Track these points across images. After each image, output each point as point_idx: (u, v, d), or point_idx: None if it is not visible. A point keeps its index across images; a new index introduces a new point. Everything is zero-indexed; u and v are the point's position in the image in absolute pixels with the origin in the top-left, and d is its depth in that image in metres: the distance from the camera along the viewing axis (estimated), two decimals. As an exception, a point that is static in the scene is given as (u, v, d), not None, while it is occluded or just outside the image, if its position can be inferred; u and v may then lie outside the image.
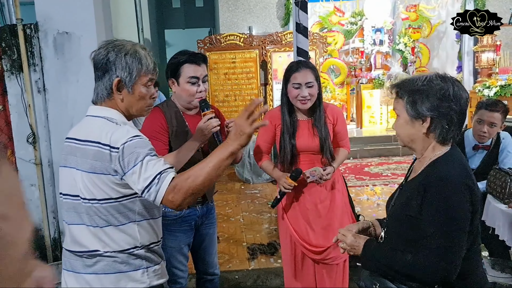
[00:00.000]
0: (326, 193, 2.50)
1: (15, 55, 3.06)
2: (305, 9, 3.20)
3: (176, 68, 2.17)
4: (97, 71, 1.51)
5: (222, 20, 8.54)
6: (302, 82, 2.32)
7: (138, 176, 1.40)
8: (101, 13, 3.20)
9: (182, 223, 2.30)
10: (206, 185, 1.43)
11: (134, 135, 1.44)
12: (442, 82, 1.40)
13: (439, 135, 1.42)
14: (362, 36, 8.99)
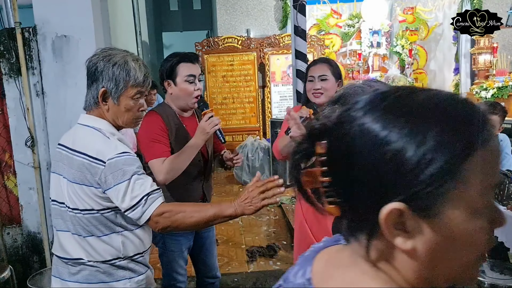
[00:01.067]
0: None
1: (14, 58, 3.05)
2: (303, 12, 3.21)
3: (171, 69, 2.16)
4: (87, 79, 1.51)
5: (220, 22, 8.55)
6: (315, 75, 2.31)
7: (123, 194, 1.40)
8: (99, 16, 3.20)
9: None
10: (193, 227, 1.46)
11: (122, 151, 1.44)
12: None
13: None
14: (359, 38, 9.00)
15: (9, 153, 3.21)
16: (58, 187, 1.49)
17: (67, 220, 1.48)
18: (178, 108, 2.23)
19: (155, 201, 1.43)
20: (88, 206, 1.44)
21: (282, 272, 3.48)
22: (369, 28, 8.91)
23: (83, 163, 1.42)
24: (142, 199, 1.42)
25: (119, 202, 1.41)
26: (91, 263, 1.48)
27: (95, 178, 1.41)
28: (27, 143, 3.10)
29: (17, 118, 3.10)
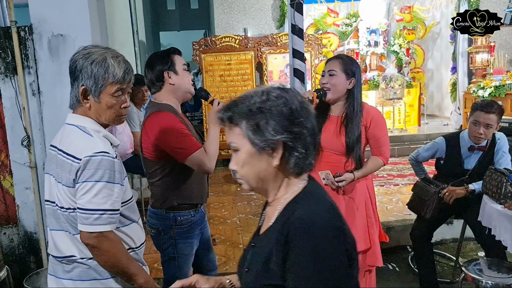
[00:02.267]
0: (342, 201, 2.30)
1: (9, 57, 3.04)
2: (301, 11, 3.20)
3: (169, 60, 2.15)
4: (70, 77, 1.50)
5: (217, 22, 8.54)
6: (326, 69, 2.29)
7: (84, 192, 1.39)
8: (96, 15, 3.19)
9: (195, 227, 2.25)
10: (113, 269, 1.48)
11: (100, 150, 1.41)
12: (284, 94, 1.07)
13: (295, 165, 1.08)
14: (357, 37, 9.01)
15: (5, 153, 3.20)
16: (50, 187, 1.51)
17: (58, 219, 1.48)
18: (177, 101, 2.21)
19: (107, 226, 1.42)
20: (72, 205, 1.44)
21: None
22: (366, 27, 8.92)
23: (64, 162, 1.42)
24: (99, 211, 1.40)
25: (77, 197, 1.41)
26: (84, 260, 1.48)
27: (71, 176, 1.41)
28: (23, 142, 3.08)
29: (13, 117, 3.08)
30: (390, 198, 4.83)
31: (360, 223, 2.34)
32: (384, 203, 4.67)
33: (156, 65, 2.16)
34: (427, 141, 6.86)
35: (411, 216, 3.71)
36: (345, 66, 2.26)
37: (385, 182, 5.66)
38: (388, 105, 8.06)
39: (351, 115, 2.26)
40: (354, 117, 2.25)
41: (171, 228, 2.16)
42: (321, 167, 2.29)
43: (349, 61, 2.30)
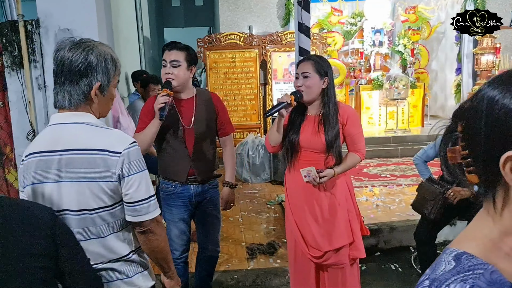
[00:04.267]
0: (323, 197, 2.40)
1: (16, 51, 3.04)
2: (308, 9, 3.20)
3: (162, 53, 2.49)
4: (71, 74, 1.40)
5: (222, 19, 8.53)
6: (299, 72, 2.33)
7: (139, 183, 1.41)
8: (102, 10, 3.18)
9: (176, 198, 2.56)
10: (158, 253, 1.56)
11: (133, 140, 1.43)
12: None
13: None
14: (361, 37, 8.99)
15: (10, 147, 3.20)
16: (54, 196, 1.40)
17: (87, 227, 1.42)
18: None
19: (157, 208, 1.50)
20: (102, 203, 1.40)
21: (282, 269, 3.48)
22: (371, 27, 8.90)
23: (93, 159, 1.36)
24: (151, 197, 1.45)
25: (133, 190, 1.40)
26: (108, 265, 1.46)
27: (110, 171, 1.37)
28: (28, 136, 3.08)
29: (19, 111, 3.08)
30: (393, 199, 4.82)
31: (342, 218, 2.41)
32: (387, 203, 4.66)
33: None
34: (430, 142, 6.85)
35: (414, 217, 3.70)
36: (318, 66, 2.31)
37: (388, 182, 5.65)
38: (391, 105, 8.05)
39: (328, 113, 2.33)
40: (331, 114, 2.33)
41: (158, 191, 2.57)
42: (302, 165, 2.38)
43: (321, 61, 2.36)
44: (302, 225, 2.45)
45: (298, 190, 2.44)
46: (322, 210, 2.40)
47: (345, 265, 2.43)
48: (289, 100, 2.24)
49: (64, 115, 1.43)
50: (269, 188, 5.95)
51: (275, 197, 5.35)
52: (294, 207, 2.48)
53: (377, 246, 3.88)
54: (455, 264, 0.68)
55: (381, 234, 3.91)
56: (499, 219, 0.69)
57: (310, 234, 2.42)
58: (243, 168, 6.29)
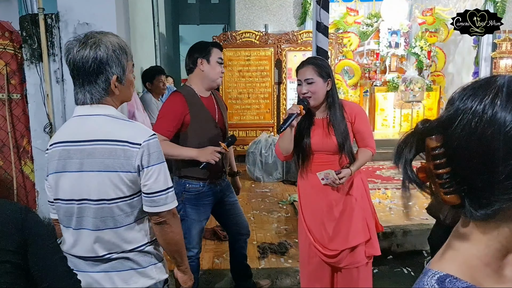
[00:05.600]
0: (341, 197, 2.40)
1: (35, 44, 3.06)
2: (327, 8, 3.17)
3: (207, 50, 2.50)
4: (87, 75, 1.41)
5: (238, 17, 8.52)
6: (302, 78, 2.30)
7: (158, 174, 1.43)
8: (121, 5, 3.20)
9: (204, 197, 2.57)
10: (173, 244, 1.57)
11: (153, 132, 1.46)
12: None
13: None
14: (377, 38, 8.90)
15: (27, 139, 3.23)
16: (75, 185, 1.43)
17: (104, 217, 1.43)
18: (202, 87, 2.54)
19: (175, 200, 1.51)
20: (121, 193, 1.42)
21: (293, 269, 3.46)
22: (388, 28, 8.81)
23: (114, 150, 1.39)
24: (169, 189, 1.47)
25: (152, 181, 1.42)
26: (123, 254, 1.47)
27: (130, 162, 1.39)
28: (45, 129, 3.11)
29: (37, 104, 3.11)
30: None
31: (359, 215, 2.41)
32: (400, 206, 4.61)
33: (194, 51, 2.52)
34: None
35: (428, 221, 3.66)
36: (319, 70, 2.29)
37: (402, 185, 5.59)
38: (406, 107, 7.97)
39: (335, 113, 2.33)
40: (338, 115, 2.32)
41: (182, 193, 2.51)
42: (316, 168, 2.38)
43: (321, 64, 2.33)
44: (317, 228, 2.44)
45: (314, 193, 2.42)
46: (339, 209, 2.40)
47: (360, 264, 2.41)
48: (298, 110, 2.22)
49: (87, 107, 1.46)
50: (281, 187, 5.94)
51: (287, 196, 5.33)
52: (309, 210, 2.47)
53: (390, 249, 3.84)
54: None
55: (394, 237, 3.86)
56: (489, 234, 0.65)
57: (326, 235, 2.41)
58: (255, 166, 6.28)
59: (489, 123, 0.60)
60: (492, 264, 0.66)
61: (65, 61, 1.45)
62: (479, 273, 0.65)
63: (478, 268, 0.66)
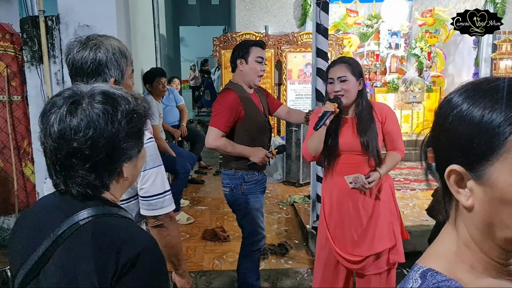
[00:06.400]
0: (369, 201, 2.34)
1: (36, 46, 3.07)
2: (326, 10, 3.18)
3: (246, 50, 2.59)
4: (85, 76, 1.42)
5: (238, 18, 8.53)
6: (334, 76, 2.27)
7: (155, 178, 1.43)
8: (121, 7, 3.21)
9: (260, 185, 2.72)
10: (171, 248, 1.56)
11: (150, 136, 1.45)
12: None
13: None
14: (377, 39, 8.91)
15: (28, 141, 3.24)
16: None
17: None
18: (245, 85, 2.65)
19: (172, 203, 1.51)
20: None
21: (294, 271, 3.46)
22: (388, 29, 8.81)
23: None
24: (166, 192, 1.47)
25: (148, 184, 1.42)
26: None
27: None
28: (46, 131, 3.12)
29: (37, 105, 3.12)
30: (407, 203, 4.77)
31: (385, 220, 2.35)
32: (400, 207, 4.57)
33: (235, 50, 2.64)
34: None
35: (428, 222, 3.66)
36: (353, 68, 2.28)
37: (402, 186, 5.60)
38: (407, 108, 7.98)
39: (365, 113, 2.30)
40: (366, 114, 2.30)
41: (241, 185, 2.63)
42: (343, 169, 2.32)
43: (354, 63, 2.33)
44: (342, 232, 2.38)
45: (342, 195, 2.37)
46: (366, 214, 2.34)
47: (381, 270, 2.36)
48: (333, 108, 2.20)
49: None
50: (282, 188, 5.94)
51: (288, 197, 5.33)
52: (335, 214, 2.41)
53: (389, 250, 3.84)
54: (421, 282, 0.68)
55: (394, 238, 3.87)
56: (457, 232, 0.69)
57: (351, 240, 2.36)
58: (255, 167, 6.27)
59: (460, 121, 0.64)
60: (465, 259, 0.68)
61: (65, 61, 1.46)
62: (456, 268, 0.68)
63: (455, 263, 0.69)
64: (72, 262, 0.89)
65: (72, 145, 0.90)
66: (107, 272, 0.85)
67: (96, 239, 0.89)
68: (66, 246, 0.91)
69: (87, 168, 0.91)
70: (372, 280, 2.38)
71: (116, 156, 0.94)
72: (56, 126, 0.90)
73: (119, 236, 0.91)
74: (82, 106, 0.91)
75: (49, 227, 0.93)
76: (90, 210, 0.92)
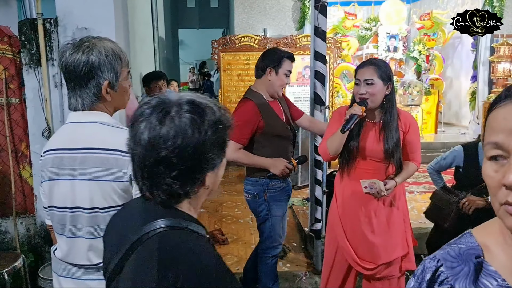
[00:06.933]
0: (383, 208, 2.30)
1: (34, 49, 3.07)
2: (324, 13, 3.18)
3: (278, 61, 2.60)
4: (78, 79, 1.40)
5: (237, 21, 8.54)
6: (361, 78, 2.20)
7: None
8: (120, 10, 3.21)
9: (284, 193, 2.70)
10: None
11: None
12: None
13: None
14: (376, 42, 8.94)
15: (26, 143, 3.24)
16: (68, 193, 1.42)
17: (98, 225, 1.41)
18: (267, 93, 2.64)
19: None
20: (112, 203, 1.40)
21: (292, 273, 3.46)
22: (386, 32, 8.84)
23: (106, 159, 1.37)
24: None
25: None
26: None
27: (122, 171, 1.37)
28: (44, 133, 3.11)
29: (35, 108, 3.12)
30: (405, 206, 4.77)
31: (399, 228, 2.34)
32: (398, 210, 4.61)
33: (267, 58, 2.64)
34: (443, 149, 6.77)
35: (426, 225, 3.66)
36: (381, 72, 2.19)
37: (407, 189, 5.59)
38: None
39: (390, 120, 2.21)
40: (393, 121, 2.21)
41: (264, 192, 2.62)
42: (360, 174, 2.27)
43: (384, 66, 2.23)
44: (355, 236, 2.35)
45: (354, 200, 2.33)
46: (379, 221, 2.31)
47: (394, 277, 2.34)
48: (360, 112, 2.13)
49: (80, 113, 1.44)
50: (280, 191, 5.93)
51: (286, 200, 5.33)
52: (347, 217, 2.38)
53: (388, 253, 3.83)
54: (459, 237, 0.84)
55: (392, 241, 3.86)
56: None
57: (364, 246, 2.33)
58: (254, 170, 6.27)
59: None
60: (506, 234, 0.78)
61: (58, 64, 1.45)
62: (491, 239, 0.80)
63: (491, 234, 0.81)
64: (140, 269, 0.91)
65: (160, 153, 0.91)
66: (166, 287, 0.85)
67: (160, 253, 0.89)
68: (139, 252, 0.93)
69: (173, 176, 0.93)
70: (379, 283, 2.36)
71: (201, 165, 0.96)
72: (146, 134, 0.93)
73: (181, 252, 0.90)
74: (170, 115, 0.93)
75: (130, 231, 0.96)
76: (163, 222, 0.94)
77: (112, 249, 1.01)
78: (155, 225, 0.93)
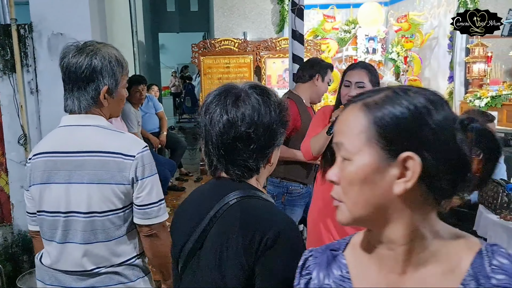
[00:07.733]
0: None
1: (8, 55, 3.03)
2: (301, 16, 3.21)
3: (326, 70, 2.79)
4: (78, 81, 1.41)
5: (217, 24, 8.54)
6: (353, 80, 2.18)
7: (151, 187, 1.42)
8: (96, 15, 3.18)
9: (301, 199, 2.76)
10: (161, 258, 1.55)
11: (145, 144, 1.45)
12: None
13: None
14: (355, 44, 9.03)
15: (1, 151, 3.18)
16: (62, 197, 1.40)
17: (95, 230, 1.40)
18: (308, 97, 2.82)
19: (166, 212, 1.50)
20: (112, 206, 1.39)
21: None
22: (365, 34, 8.94)
23: (106, 162, 1.36)
24: (161, 201, 1.46)
25: (145, 193, 1.41)
26: (111, 268, 1.44)
27: (123, 174, 1.37)
28: (19, 140, 3.07)
29: (11, 115, 3.07)
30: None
31: None
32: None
33: (318, 65, 2.80)
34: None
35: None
36: (371, 76, 2.20)
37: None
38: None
39: None
40: None
41: (283, 194, 2.71)
42: None
43: (373, 70, 2.24)
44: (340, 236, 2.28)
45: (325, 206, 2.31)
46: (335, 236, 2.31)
47: None
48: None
49: (76, 117, 1.44)
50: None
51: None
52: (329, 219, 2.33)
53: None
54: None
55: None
56: None
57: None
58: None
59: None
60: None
61: (59, 64, 1.44)
62: (359, 239, 0.88)
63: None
64: (223, 238, 0.99)
65: (240, 129, 1.02)
66: (252, 248, 0.95)
67: (243, 217, 0.99)
68: (219, 224, 1.02)
69: (249, 151, 1.04)
70: None
71: (271, 141, 1.07)
72: (226, 116, 1.03)
73: (263, 216, 1.01)
74: (242, 97, 1.05)
75: (205, 209, 1.05)
76: (238, 192, 1.04)
77: (185, 231, 1.09)
78: (231, 197, 1.03)
